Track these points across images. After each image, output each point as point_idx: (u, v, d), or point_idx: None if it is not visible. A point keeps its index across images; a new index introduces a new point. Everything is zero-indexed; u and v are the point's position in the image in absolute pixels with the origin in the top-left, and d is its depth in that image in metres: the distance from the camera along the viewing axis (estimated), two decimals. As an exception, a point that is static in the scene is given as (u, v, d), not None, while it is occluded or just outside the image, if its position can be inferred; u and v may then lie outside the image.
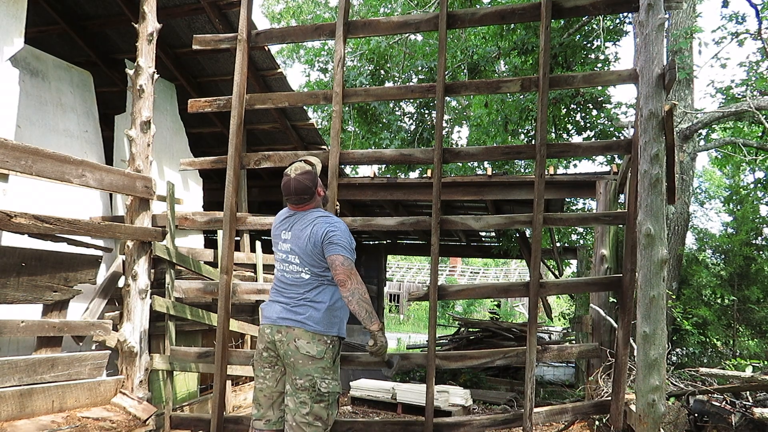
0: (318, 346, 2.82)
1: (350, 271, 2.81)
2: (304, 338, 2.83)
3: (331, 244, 2.83)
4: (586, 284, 4.71)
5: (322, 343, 2.84)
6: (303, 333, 2.84)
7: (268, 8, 17.18)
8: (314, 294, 2.91)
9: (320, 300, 2.89)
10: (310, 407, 2.79)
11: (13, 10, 3.99)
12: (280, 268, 3.05)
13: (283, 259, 3.03)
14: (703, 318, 6.79)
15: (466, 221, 3.74)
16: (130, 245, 4.16)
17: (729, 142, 9.48)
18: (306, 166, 3.03)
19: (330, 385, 2.84)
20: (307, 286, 2.93)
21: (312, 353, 2.81)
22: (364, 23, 3.90)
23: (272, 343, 2.93)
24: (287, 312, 2.91)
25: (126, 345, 4.02)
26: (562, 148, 3.99)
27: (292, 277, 2.97)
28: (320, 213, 3.01)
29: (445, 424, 3.66)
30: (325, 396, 2.83)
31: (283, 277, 3.02)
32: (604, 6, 3.60)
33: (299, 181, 2.95)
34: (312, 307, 2.87)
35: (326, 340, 2.85)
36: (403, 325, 24.50)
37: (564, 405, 3.85)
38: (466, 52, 10.04)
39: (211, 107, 4.08)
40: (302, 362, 2.82)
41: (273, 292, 3.08)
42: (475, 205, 9.27)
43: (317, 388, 2.80)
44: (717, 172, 16.38)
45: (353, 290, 2.79)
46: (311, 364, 2.81)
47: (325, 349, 2.84)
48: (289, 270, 2.98)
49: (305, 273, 2.93)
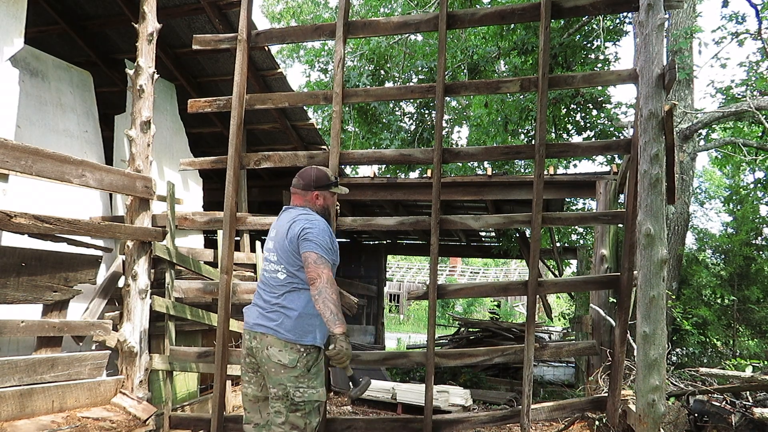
0: (290, 354, 2.74)
1: (321, 269, 2.71)
2: (276, 346, 2.76)
3: (306, 241, 2.77)
4: (584, 283, 4.72)
5: (295, 351, 2.75)
6: (275, 341, 2.76)
7: (268, 8, 17.19)
8: (287, 299, 2.83)
9: (292, 307, 2.80)
10: (285, 416, 2.72)
11: (13, 10, 3.99)
12: (264, 267, 3.02)
13: (266, 258, 3.00)
14: (703, 318, 6.79)
15: (466, 221, 3.75)
16: (130, 245, 4.16)
17: (729, 142, 9.48)
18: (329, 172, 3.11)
19: (305, 394, 2.74)
20: (281, 288, 2.85)
21: (284, 362, 2.73)
22: (364, 23, 3.90)
23: (250, 349, 2.88)
24: (262, 317, 2.85)
25: (126, 345, 4.02)
26: (561, 148, 4.01)
27: (270, 276, 2.92)
28: (303, 211, 2.96)
29: (444, 421, 3.68)
30: (300, 405, 2.73)
31: (263, 276, 2.98)
32: (604, 6, 3.60)
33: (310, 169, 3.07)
34: (284, 314, 2.79)
35: (299, 349, 2.76)
36: (403, 325, 24.51)
37: (561, 402, 3.87)
38: (466, 52, 10.04)
39: (211, 107, 4.08)
40: (275, 371, 2.76)
41: (256, 294, 3.04)
42: (475, 205, 9.27)
43: (290, 397, 2.72)
44: (717, 172, 16.38)
45: (321, 289, 2.68)
46: (284, 373, 2.73)
47: (298, 357, 2.74)
48: (268, 269, 2.95)
49: (281, 272, 2.87)
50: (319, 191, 3.01)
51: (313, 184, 3.00)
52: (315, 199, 3.01)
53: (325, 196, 3.04)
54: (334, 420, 3.72)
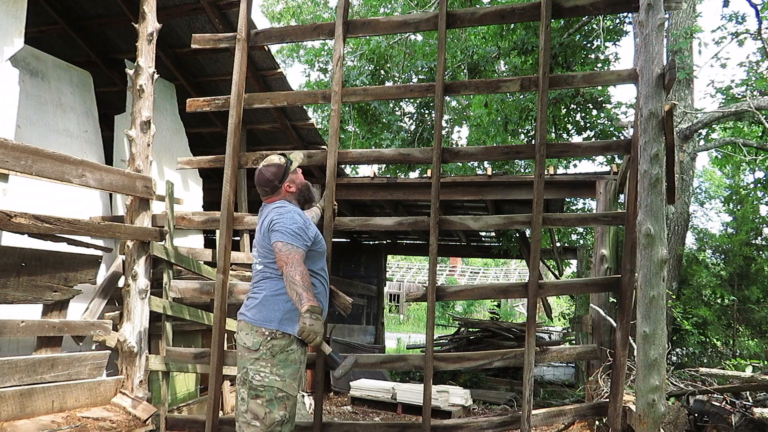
0: (254, 337, 2.75)
1: (287, 255, 2.71)
2: (244, 329, 2.83)
3: (273, 232, 2.81)
4: (585, 285, 4.71)
5: (259, 334, 2.74)
6: (244, 325, 2.84)
7: (268, 8, 17.19)
8: (259, 286, 2.91)
9: (261, 289, 2.88)
10: (247, 404, 2.70)
11: (13, 10, 3.99)
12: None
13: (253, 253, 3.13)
14: (703, 318, 6.79)
15: (465, 221, 3.73)
16: (130, 245, 4.16)
17: (729, 142, 9.48)
18: (274, 159, 3.06)
19: (266, 379, 2.67)
20: (257, 277, 2.95)
21: (248, 344, 2.76)
22: (364, 23, 3.90)
23: None
24: (243, 306, 2.97)
25: (126, 345, 4.02)
26: (561, 148, 3.99)
27: (254, 270, 3.03)
28: (276, 204, 2.99)
29: (442, 426, 3.64)
30: (259, 390, 2.67)
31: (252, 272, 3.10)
32: (604, 6, 3.60)
33: (261, 173, 3.03)
34: (253, 298, 2.89)
35: (263, 332, 2.74)
36: (403, 325, 24.52)
37: (562, 407, 3.84)
38: (466, 52, 10.04)
39: (209, 107, 4.08)
40: (241, 354, 2.81)
41: None
42: (475, 205, 9.27)
43: (249, 380, 2.69)
44: (717, 172, 16.38)
45: (287, 274, 2.68)
46: (247, 356, 2.75)
47: (261, 341, 2.72)
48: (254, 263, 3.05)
49: (258, 264, 2.97)
50: (285, 182, 3.05)
51: (277, 182, 3.02)
52: (287, 191, 3.06)
53: (292, 179, 3.08)
54: (331, 424, 3.69)
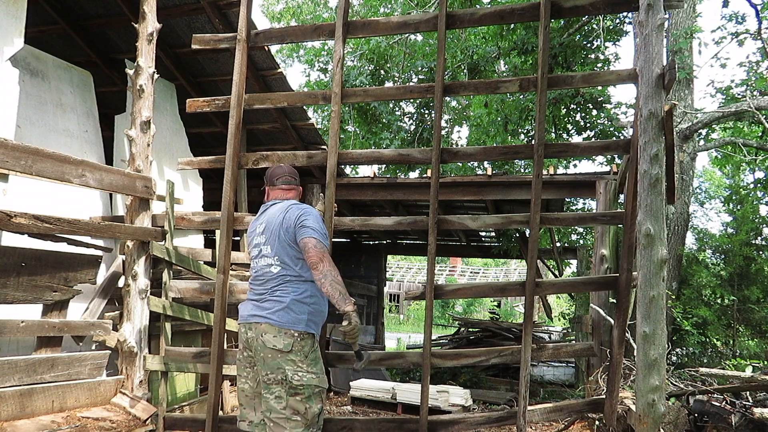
0: (284, 339, 2.80)
1: (322, 253, 2.80)
2: (270, 332, 2.82)
3: (303, 227, 2.85)
4: (582, 284, 4.72)
5: (289, 336, 2.81)
6: (269, 327, 2.83)
7: (268, 8, 17.20)
8: (281, 289, 2.90)
9: (286, 293, 2.87)
10: (285, 401, 2.77)
11: (13, 10, 4.00)
12: (253, 265, 3.06)
13: (257, 255, 3.04)
14: (703, 318, 6.79)
15: (464, 221, 3.75)
16: (130, 245, 4.16)
17: (729, 142, 9.48)
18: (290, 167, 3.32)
19: (304, 378, 2.79)
20: (276, 280, 2.92)
21: (279, 347, 2.79)
22: (364, 23, 3.90)
23: (246, 341, 2.94)
24: (256, 308, 2.93)
25: (126, 345, 4.02)
26: (560, 148, 4.00)
27: (263, 271, 2.98)
28: (292, 202, 3.08)
29: (440, 422, 3.67)
30: (299, 389, 2.78)
31: (255, 272, 3.04)
32: (604, 6, 3.60)
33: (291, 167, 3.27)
34: (277, 301, 2.87)
35: (293, 334, 2.82)
36: (403, 325, 24.52)
37: (558, 403, 3.87)
38: (466, 52, 10.05)
39: (209, 107, 4.08)
40: (271, 356, 2.82)
41: (249, 290, 3.11)
42: (474, 205, 9.27)
43: (289, 380, 2.77)
44: (717, 172, 16.38)
45: (326, 272, 2.76)
46: (280, 357, 2.79)
47: (292, 342, 2.80)
48: (261, 264, 2.99)
49: (275, 266, 2.93)
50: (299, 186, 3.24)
51: (297, 179, 3.21)
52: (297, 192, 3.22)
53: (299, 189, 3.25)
54: (331, 420, 3.71)
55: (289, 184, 3.15)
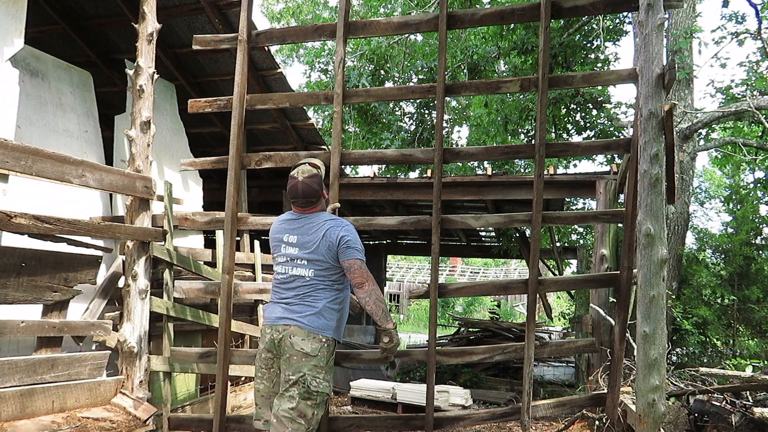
0: (312, 343, 2.89)
1: (367, 273, 2.98)
2: (299, 335, 2.90)
3: (348, 248, 2.96)
4: (583, 281, 4.72)
5: (317, 341, 2.91)
6: (298, 330, 2.91)
7: (268, 8, 17.19)
8: (314, 295, 2.99)
9: (318, 299, 2.97)
10: (297, 402, 2.83)
11: (13, 10, 3.99)
12: (282, 271, 3.10)
13: (286, 262, 3.09)
14: (703, 318, 6.79)
15: (466, 220, 3.75)
16: (130, 245, 4.16)
17: (729, 142, 9.48)
18: (312, 170, 3.09)
19: (321, 385, 2.89)
20: (308, 287, 3.00)
21: (306, 350, 2.88)
22: (365, 24, 3.90)
23: (272, 342, 3.00)
24: (286, 312, 2.99)
25: (126, 345, 4.02)
26: (561, 148, 4.01)
27: (296, 279, 3.04)
28: (328, 216, 3.11)
29: (445, 418, 3.70)
30: (313, 394, 2.87)
31: (286, 278, 3.08)
32: (604, 6, 3.60)
33: (307, 185, 3.03)
34: (309, 306, 2.95)
35: (321, 339, 2.92)
36: (404, 325, 24.50)
37: (561, 399, 3.88)
38: (466, 52, 10.04)
39: (211, 107, 4.08)
40: (296, 358, 2.89)
41: (274, 293, 3.15)
42: (475, 205, 9.27)
43: (307, 384, 2.85)
44: (717, 172, 16.38)
45: (370, 291, 2.95)
46: (305, 361, 2.87)
47: (320, 347, 2.90)
48: (294, 273, 3.05)
49: (310, 275, 3.01)
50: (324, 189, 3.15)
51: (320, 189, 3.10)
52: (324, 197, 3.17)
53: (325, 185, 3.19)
54: (337, 418, 3.73)
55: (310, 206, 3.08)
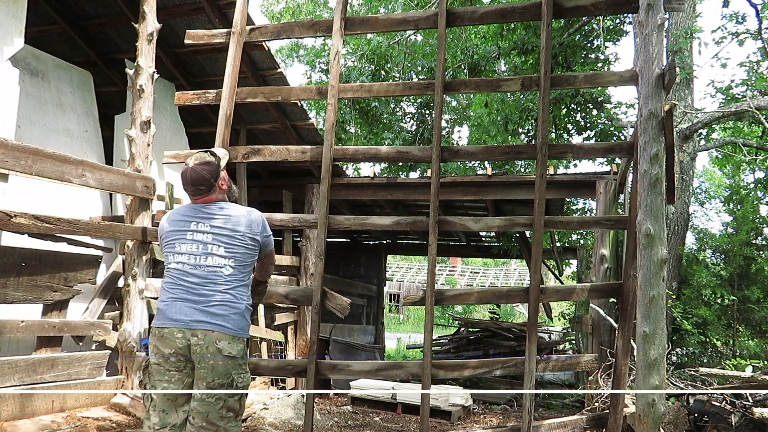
0: (237, 345, 2.85)
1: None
2: (225, 340, 2.78)
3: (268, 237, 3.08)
4: (585, 291, 4.64)
5: (241, 342, 2.89)
6: (222, 335, 2.78)
7: (268, 8, 17.21)
8: (234, 294, 2.86)
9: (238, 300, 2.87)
10: (224, 401, 2.81)
11: (13, 10, 4.00)
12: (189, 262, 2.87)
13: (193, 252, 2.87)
14: (703, 318, 6.79)
15: (465, 222, 3.68)
16: (130, 245, 4.15)
17: (729, 142, 9.48)
18: (206, 157, 2.96)
19: (245, 379, 2.94)
20: (228, 283, 2.85)
21: (233, 353, 2.81)
22: (362, 20, 3.89)
23: (185, 348, 2.77)
24: (202, 314, 2.78)
25: (126, 345, 4.02)
26: (563, 149, 3.94)
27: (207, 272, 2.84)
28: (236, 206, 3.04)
29: None
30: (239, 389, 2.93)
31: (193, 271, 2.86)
32: (605, 6, 3.59)
33: (196, 172, 2.88)
34: (231, 307, 2.84)
35: (243, 340, 2.94)
36: (403, 325, 24.51)
37: (561, 419, 3.77)
38: (467, 52, 10.04)
39: (199, 100, 4.03)
40: (222, 363, 2.78)
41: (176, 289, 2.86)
42: (475, 205, 9.27)
43: (234, 384, 2.84)
44: (717, 172, 16.37)
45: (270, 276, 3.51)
46: (230, 364, 2.81)
47: (243, 347, 2.92)
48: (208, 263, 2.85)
49: (228, 267, 2.85)
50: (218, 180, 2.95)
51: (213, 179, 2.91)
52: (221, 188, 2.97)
53: (222, 177, 2.99)
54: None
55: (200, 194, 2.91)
